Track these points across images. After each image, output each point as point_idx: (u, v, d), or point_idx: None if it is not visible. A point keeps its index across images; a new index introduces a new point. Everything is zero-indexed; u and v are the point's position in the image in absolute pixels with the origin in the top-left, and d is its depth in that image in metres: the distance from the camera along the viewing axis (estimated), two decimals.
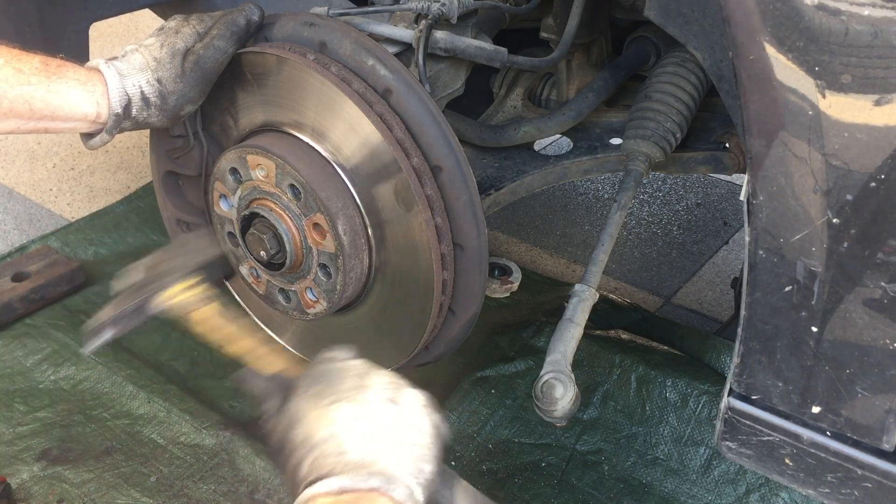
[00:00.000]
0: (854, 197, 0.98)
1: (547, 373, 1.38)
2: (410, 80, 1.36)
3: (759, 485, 1.91)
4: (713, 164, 1.79)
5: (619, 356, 2.15)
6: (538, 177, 1.81)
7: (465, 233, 1.39)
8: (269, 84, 1.40)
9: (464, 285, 1.44)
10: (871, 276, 1.00)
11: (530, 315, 2.39)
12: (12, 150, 3.35)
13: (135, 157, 3.32)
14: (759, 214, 1.05)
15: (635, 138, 1.70)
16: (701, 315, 2.61)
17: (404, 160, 1.32)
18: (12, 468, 1.93)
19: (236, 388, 1.35)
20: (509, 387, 2.16)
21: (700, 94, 1.75)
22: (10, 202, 3.05)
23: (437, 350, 1.55)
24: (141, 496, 1.87)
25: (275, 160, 1.37)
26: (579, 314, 1.46)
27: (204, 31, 1.35)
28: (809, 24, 0.93)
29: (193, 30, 1.34)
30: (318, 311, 1.46)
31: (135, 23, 4.22)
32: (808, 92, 0.96)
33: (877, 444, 1.10)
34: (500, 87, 2.01)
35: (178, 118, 1.35)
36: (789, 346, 1.11)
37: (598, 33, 1.88)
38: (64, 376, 2.17)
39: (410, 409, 0.98)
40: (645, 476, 1.97)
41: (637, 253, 2.87)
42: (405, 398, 0.99)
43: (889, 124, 0.93)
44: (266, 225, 1.42)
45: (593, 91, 1.84)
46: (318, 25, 1.40)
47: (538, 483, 1.96)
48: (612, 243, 1.57)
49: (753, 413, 1.18)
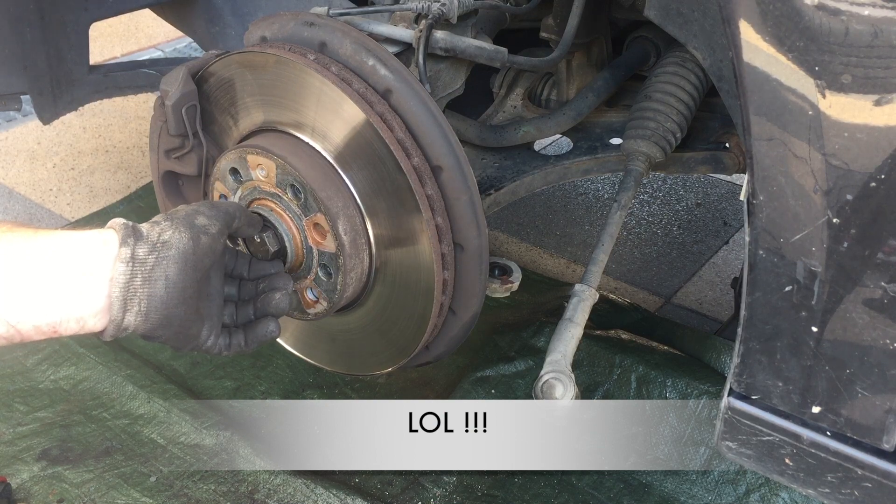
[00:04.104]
0: (854, 197, 0.98)
1: (547, 373, 1.38)
2: (411, 80, 1.36)
3: (759, 485, 1.91)
4: (713, 164, 1.79)
5: (619, 356, 2.15)
6: (538, 177, 1.81)
7: (465, 233, 1.39)
8: (270, 84, 1.40)
9: (464, 285, 1.44)
10: (871, 276, 1.00)
11: (530, 315, 2.39)
12: (12, 150, 3.35)
13: (135, 157, 3.32)
14: (759, 214, 1.05)
15: (635, 138, 1.70)
16: (701, 315, 2.61)
17: (405, 160, 1.32)
18: (12, 468, 1.93)
19: (236, 387, 1.36)
20: (509, 387, 2.16)
21: (700, 94, 1.75)
22: (10, 202, 3.05)
23: (437, 350, 1.55)
24: (141, 496, 1.88)
25: (275, 160, 1.37)
26: (579, 314, 1.46)
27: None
28: (809, 24, 0.93)
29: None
30: (318, 310, 1.46)
31: (135, 23, 4.23)
32: (808, 92, 0.96)
33: (877, 444, 1.10)
34: (500, 87, 2.01)
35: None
36: (789, 346, 1.11)
37: (598, 33, 1.88)
38: (64, 376, 2.18)
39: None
40: (645, 476, 1.97)
41: (637, 253, 2.87)
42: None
43: (889, 124, 0.93)
44: (266, 225, 1.42)
45: (593, 91, 1.84)
46: (319, 25, 1.40)
47: (538, 483, 1.96)
48: (612, 243, 1.57)
49: (753, 413, 1.18)
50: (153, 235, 1.13)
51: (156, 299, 1.12)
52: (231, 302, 1.32)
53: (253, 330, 1.32)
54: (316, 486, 1.87)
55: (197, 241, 1.16)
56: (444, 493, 1.93)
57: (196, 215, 1.19)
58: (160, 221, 1.16)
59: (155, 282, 1.11)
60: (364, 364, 1.59)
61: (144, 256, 1.11)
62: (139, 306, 1.11)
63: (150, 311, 1.12)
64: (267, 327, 1.32)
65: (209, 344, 1.24)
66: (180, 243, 1.14)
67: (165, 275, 1.12)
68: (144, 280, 1.11)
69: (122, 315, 1.10)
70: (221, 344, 1.27)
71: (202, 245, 1.17)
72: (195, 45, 3.37)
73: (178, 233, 1.15)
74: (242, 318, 1.32)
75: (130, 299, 1.10)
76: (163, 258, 1.12)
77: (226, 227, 1.23)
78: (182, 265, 1.14)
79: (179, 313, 1.15)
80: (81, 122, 3.52)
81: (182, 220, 1.17)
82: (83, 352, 2.20)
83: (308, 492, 1.87)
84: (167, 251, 1.13)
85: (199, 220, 1.19)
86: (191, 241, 1.15)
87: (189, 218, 1.18)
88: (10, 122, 3.51)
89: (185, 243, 1.15)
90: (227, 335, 1.29)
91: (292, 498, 1.87)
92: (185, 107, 1.47)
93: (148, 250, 1.12)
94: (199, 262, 1.16)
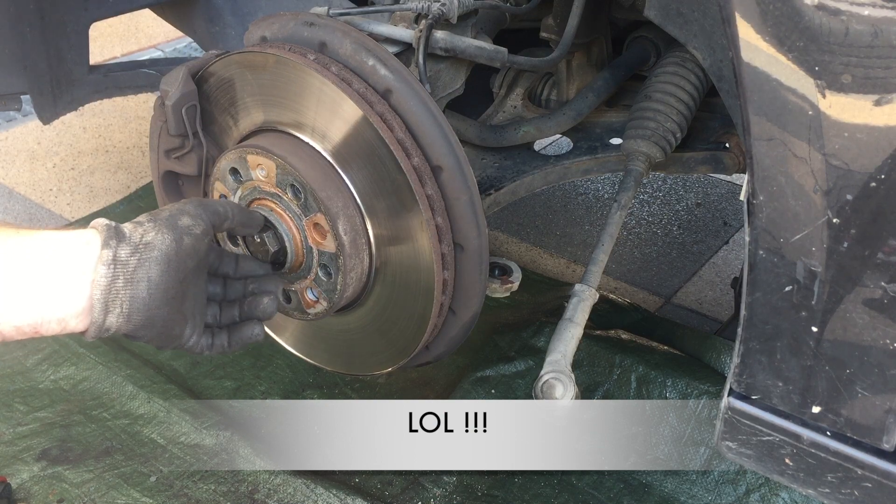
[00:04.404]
0: (854, 197, 0.98)
1: (547, 373, 1.38)
2: (411, 80, 1.36)
3: (759, 485, 1.91)
4: (713, 164, 1.79)
5: (619, 356, 2.15)
6: (538, 177, 1.81)
7: (465, 233, 1.39)
8: (270, 84, 1.40)
9: (464, 285, 1.44)
10: (871, 276, 1.00)
11: (530, 315, 2.39)
12: (12, 150, 3.35)
13: (135, 157, 3.32)
14: (759, 214, 1.05)
15: (635, 138, 1.70)
16: (701, 315, 2.61)
17: (405, 160, 1.32)
18: (12, 468, 1.93)
19: (236, 387, 1.35)
20: (509, 387, 2.16)
21: (700, 94, 1.75)
22: (10, 202, 3.05)
23: (437, 350, 1.55)
24: (141, 496, 1.88)
25: (275, 160, 1.37)
26: (579, 314, 1.46)
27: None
28: (809, 24, 0.93)
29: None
30: (318, 310, 1.46)
31: (135, 23, 4.23)
32: (808, 92, 0.96)
33: (877, 444, 1.10)
34: (500, 87, 2.01)
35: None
36: (789, 346, 1.11)
37: (598, 33, 1.89)
38: (64, 376, 2.18)
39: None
40: (645, 476, 1.97)
41: (637, 253, 2.87)
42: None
43: (889, 124, 0.93)
44: (266, 225, 1.42)
45: (593, 91, 1.84)
46: (318, 25, 1.40)
47: (538, 483, 1.96)
48: (612, 243, 1.57)
49: (753, 413, 1.18)
50: (136, 236, 1.13)
51: (138, 301, 1.11)
52: (215, 301, 1.31)
53: (238, 332, 1.31)
54: (316, 486, 1.87)
55: (180, 242, 1.15)
56: (444, 493, 1.93)
57: (180, 215, 1.19)
58: (143, 222, 1.16)
59: (137, 283, 1.11)
60: (364, 364, 1.59)
61: (126, 258, 1.10)
62: (121, 308, 1.10)
63: (132, 313, 1.11)
64: (252, 330, 1.32)
65: (191, 343, 1.24)
66: (163, 244, 1.13)
67: (148, 276, 1.12)
68: (126, 282, 1.10)
69: (104, 317, 1.10)
70: (204, 343, 1.26)
71: (185, 246, 1.16)
72: (195, 45, 3.37)
73: (160, 234, 1.14)
74: (227, 318, 1.31)
75: (112, 301, 1.10)
76: (145, 259, 1.12)
77: (211, 227, 1.23)
78: (165, 266, 1.13)
79: (162, 314, 1.14)
80: (81, 122, 3.52)
81: (165, 221, 1.16)
82: (83, 352, 2.20)
83: (308, 492, 1.87)
84: (149, 252, 1.12)
85: (183, 220, 1.18)
86: (174, 242, 1.15)
87: (172, 219, 1.17)
88: (10, 122, 3.51)
89: (168, 244, 1.14)
90: (210, 335, 1.28)
91: (292, 498, 1.87)
92: (185, 107, 1.47)
93: (130, 252, 1.11)
94: (182, 264, 1.16)
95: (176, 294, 1.16)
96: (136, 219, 1.17)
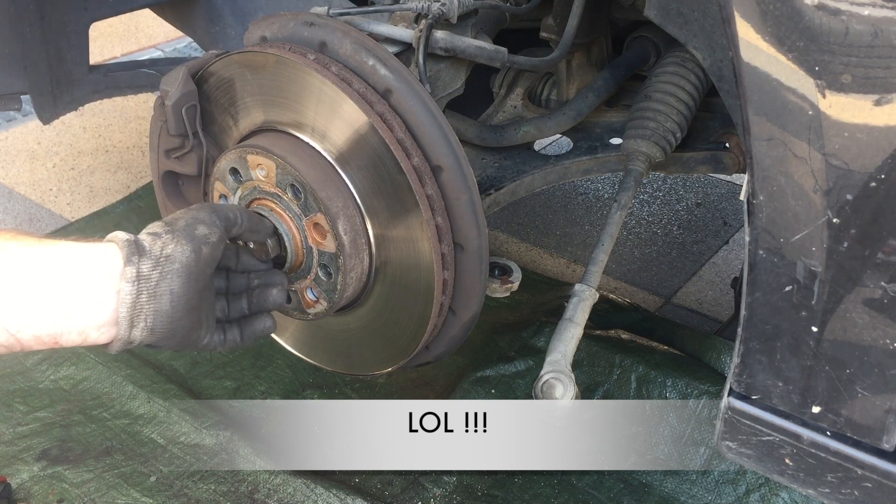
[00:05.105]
0: (854, 197, 0.98)
1: (547, 373, 1.38)
2: (411, 80, 1.36)
3: (759, 485, 1.91)
4: (713, 164, 1.79)
5: (619, 356, 2.15)
6: (538, 177, 1.81)
7: (465, 233, 1.39)
8: (270, 84, 1.40)
9: (464, 285, 1.44)
10: (871, 276, 1.00)
11: (530, 315, 2.39)
12: (12, 150, 3.35)
13: (135, 157, 3.32)
14: (759, 214, 1.05)
15: (635, 138, 1.70)
16: (701, 315, 2.62)
17: (405, 160, 1.32)
18: (12, 468, 1.93)
19: (236, 387, 1.35)
20: (509, 387, 2.16)
21: (700, 94, 1.75)
22: (10, 202, 3.05)
23: (437, 350, 1.55)
24: (141, 496, 1.88)
25: (275, 160, 1.37)
26: (579, 314, 1.46)
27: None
28: (809, 24, 0.93)
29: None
30: (318, 310, 1.46)
31: (135, 23, 4.23)
32: (808, 92, 0.96)
33: (877, 444, 1.10)
34: (500, 87, 2.01)
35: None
36: (789, 346, 1.11)
37: (598, 33, 1.88)
38: (64, 376, 2.18)
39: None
40: (645, 476, 1.97)
41: (637, 253, 2.87)
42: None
43: (889, 124, 0.93)
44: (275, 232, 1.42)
45: (593, 91, 1.84)
46: (318, 25, 1.40)
47: (538, 483, 1.96)
48: (612, 243, 1.57)
49: (753, 413, 1.18)
50: (156, 249, 1.13)
51: (161, 314, 1.12)
52: (221, 295, 1.31)
53: (249, 325, 1.32)
54: (316, 486, 1.87)
55: (199, 252, 1.16)
56: (444, 493, 1.93)
57: (196, 224, 1.19)
58: (161, 234, 1.16)
59: (160, 297, 1.12)
60: (364, 364, 1.59)
61: (149, 272, 1.11)
62: (145, 322, 1.12)
63: (155, 326, 1.13)
64: (264, 323, 1.33)
65: (205, 342, 1.25)
66: (183, 256, 1.14)
67: (170, 289, 1.13)
68: (150, 296, 1.11)
69: (129, 332, 1.11)
70: (217, 340, 1.27)
71: (204, 256, 1.17)
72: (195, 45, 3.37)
73: (179, 245, 1.15)
74: (235, 312, 1.32)
75: (137, 316, 1.11)
76: (167, 273, 1.12)
77: (226, 233, 1.23)
78: (186, 278, 1.14)
79: (184, 324, 1.15)
80: (81, 122, 3.52)
81: (183, 232, 1.17)
82: (83, 352, 2.20)
83: (308, 492, 1.87)
84: (171, 265, 1.13)
85: (200, 229, 1.18)
86: (193, 253, 1.15)
87: (189, 228, 1.18)
88: (10, 122, 3.51)
89: (188, 256, 1.15)
90: (222, 331, 1.29)
91: (292, 498, 1.87)
92: (185, 107, 1.47)
93: (152, 266, 1.12)
94: (202, 273, 1.17)
95: (196, 303, 1.17)
96: (150, 228, 1.18)
